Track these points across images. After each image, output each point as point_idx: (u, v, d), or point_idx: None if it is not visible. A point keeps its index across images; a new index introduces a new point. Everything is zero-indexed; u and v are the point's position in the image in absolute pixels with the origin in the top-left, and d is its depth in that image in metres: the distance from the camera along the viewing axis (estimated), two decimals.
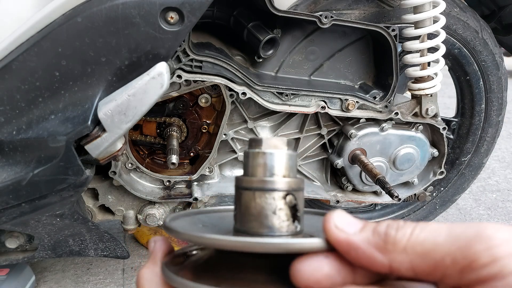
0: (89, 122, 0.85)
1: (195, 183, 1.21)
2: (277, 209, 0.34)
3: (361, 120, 1.23)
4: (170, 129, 1.15)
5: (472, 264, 0.25)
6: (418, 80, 1.22)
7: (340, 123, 1.25)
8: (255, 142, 0.36)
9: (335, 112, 1.17)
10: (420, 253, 0.26)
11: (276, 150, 0.36)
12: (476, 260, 0.25)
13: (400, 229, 0.28)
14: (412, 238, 0.27)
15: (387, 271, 0.28)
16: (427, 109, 1.24)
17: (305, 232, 0.37)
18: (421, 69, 1.20)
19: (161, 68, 0.86)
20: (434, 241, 0.26)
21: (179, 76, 1.00)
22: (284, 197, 0.35)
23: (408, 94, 1.35)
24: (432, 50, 1.18)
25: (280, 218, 0.34)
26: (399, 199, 1.26)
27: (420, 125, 1.27)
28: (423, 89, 1.21)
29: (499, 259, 0.24)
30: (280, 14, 1.00)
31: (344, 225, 0.29)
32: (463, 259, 0.25)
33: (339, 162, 1.25)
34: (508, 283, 0.24)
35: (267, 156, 0.36)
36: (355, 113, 1.18)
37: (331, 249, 0.30)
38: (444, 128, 1.28)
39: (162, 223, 1.22)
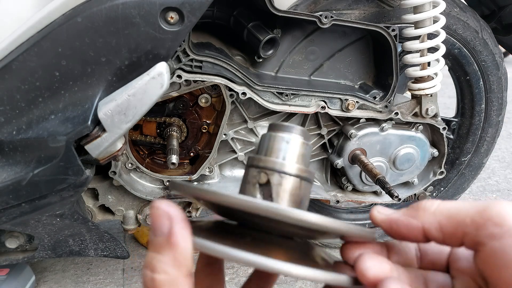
0: (89, 122, 0.85)
1: (195, 183, 1.21)
2: (251, 182, 0.36)
3: (361, 120, 1.23)
4: (170, 129, 1.15)
5: (486, 222, 0.31)
6: (418, 80, 1.22)
7: (340, 123, 1.25)
8: (273, 126, 0.38)
9: (335, 112, 1.17)
10: (446, 215, 0.33)
11: (291, 135, 0.37)
12: (490, 219, 0.31)
13: (430, 202, 0.35)
14: (440, 205, 0.34)
15: (422, 235, 0.34)
16: (427, 109, 1.24)
17: None
18: (421, 69, 1.20)
19: (161, 68, 0.86)
20: (457, 207, 0.33)
21: (179, 76, 1.00)
22: (258, 174, 0.36)
23: (408, 94, 1.35)
24: (432, 50, 1.18)
25: (253, 192, 0.36)
26: (399, 199, 1.26)
27: (420, 125, 1.27)
28: (423, 89, 1.21)
29: (508, 219, 0.30)
30: (280, 14, 1.00)
31: (384, 211, 0.37)
32: (480, 219, 0.31)
33: (339, 162, 1.25)
34: None
35: (281, 140, 0.37)
36: (355, 113, 1.18)
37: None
38: (444, 128, 1.28)
39: None
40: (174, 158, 1.06)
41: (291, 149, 0.38)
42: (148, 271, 0.28)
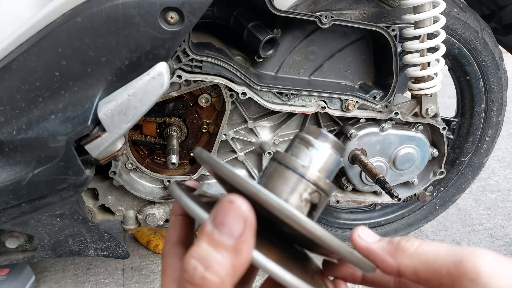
0: (89, 122, 0.85)
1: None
2: (303, 198, 0.36)
3: (361, 120, 1.23)
4: (170, 129, 1.15)
5: (462, 277, 0.31)
6: (418, 80, 1.22)
7: (340, 123, 1.25)
8: (310, 130, 0.38)
9: (335, 112, 1.17)
10: (423, 261, 0.33)
11: (325, 145, 0.37)
12: (465, 274, 0.31)
13: (410, 241, 0.35)
14: (419, 248, 0.34)
15: (396, 273, 0.35)
16: (427, 109, 1.24)
17: None
18: (421, 69, 1.20)
19: (161, 68, 0.86)
20: (436, 253, 0.33)
21: (179, 76, 1.00)
22: (311, 192, 0.36)
23: (408, 94, 1.35)
24: (432, 50, 1.18)
25: (299, 203, 0.36)
26: (399, 199, 1.26)
27: (420, 125, 1.27)
28: (423, 89, 1.21)
29: (483, 277, 0.30)
30: (280, 14, 1.00)
31: (365, 236, 0.37)
32: (456, 272, 0.31)
33: None
34: None
35: (314, 147, 0.37)
36: (355, 113, 1.18)
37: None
38: (444, 128, 1.28)
39: (162, 223, 1.22)
40: (174, 158, 1.06)
41: (334, 169, 0.38)
42: (201, 266, 0.26)
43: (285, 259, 0.32)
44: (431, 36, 1.16)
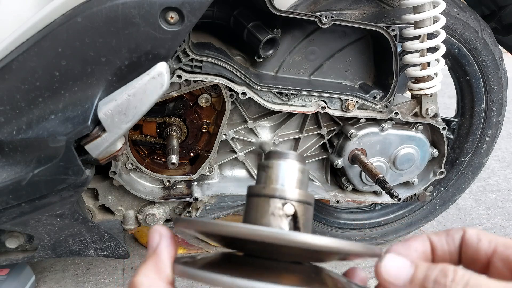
0: (89, 122, 0.85)
1: (195, 183, 1.21)
2: (277, 214, 0.36)
3: (361, 120, 1.23)
4: (170, 129, 1.15)
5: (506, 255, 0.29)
6: (418, 80, 1.22)
7: (340, 123, 1.25)
8: (272, 154, 0.40)
9: (335, 112, 1.17)
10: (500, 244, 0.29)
11: (278, 161, 0.38)
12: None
13: (459, 276, 0.28)
14: (470, 281, 0.27)
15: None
16: (427, 109, 1.24)
17: None
18: (421, 69, 1.20)
19: (161, 68, 0.86)
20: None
21: (179, 76, 1.00)
22: (282, 206, 0.36)
23: (408, 94, 1.35)
24: (432, 50, 1.18)
25: (280, 224, 0.36)
26: (399, 199, 1.26)
27: (420, 125, 1.27)
28: (423, 89, 1.21)
29: None
30: (280, 14, 1.00)
31: (392, 275, 0.31)
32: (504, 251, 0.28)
33: (339, 162, 1.25)
34: None
35: (269, 166, 0.38)
36: (355, 113, 1.18)
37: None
38: (444, 128, 1.28)
39: (162, 223, 1.22)
40: (174, 158, 1.06)
41: (300, 177, 0.39)
42: (132, 276, 0.32)
43: (299, 279, 0.33)
44: (431, 36, 1.16)
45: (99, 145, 0.87)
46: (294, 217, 0.36)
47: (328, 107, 1.16)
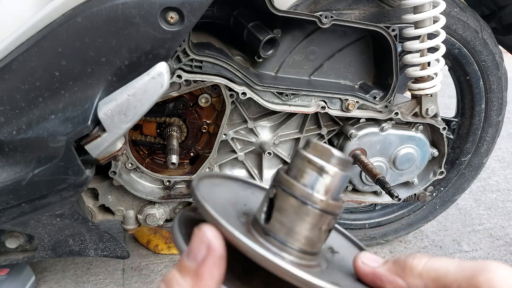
0: (89, 122, 0.85)
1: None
2: (323, 230, 0.34)
3: (361, 120, 1.23)
4: (170, 129, 1.15)
5: None
6: (418, 80, 1.22)
7: (340, 123, 1.25)
8: (318, 149, 0.34)
9: (335, 112, 1.17)
10: (433, 278, 0.32)
11: (339, 170, 0.34)
12: None
13: (417, 258, 0.33)
14: (427, 265, 0.33)
15: None
16: (427, 109, 1.24)
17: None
18: (421, 69, 1.20)
19: (161, 68, 0.86)
20: (445, 269, 0.32)
21: (179, 76, 1.00)
22: (330, 221, 0.34)
23: (408, 94, 1.35)
24: (432, 50, 1.18)
25: (317, 240, 0.34)
26: (399, 199, 1.26)
27: (420, 125, 1.27)
28: (423, 89, 1.21)
29: None
30: (280, 14, 1.00)
31: (369, 261, 0.36)
32: (467, 286, 0.30)
33: None
34: None
35: (328, 173, 0.34)
36: (355, 113, 1.18)
37: None
38: (444, 128, 1.28)
39: (162, 223, 1.22)
40: (174, 158, 1.06)
41: (344, 186, 0.36)
42: (164, 286, 0.29)
43: None
44: (431, 36, 1.16)
45: (99, 145, 0.87)
46: (330, 230, 0.35)
47: (328, 107, 1.16)
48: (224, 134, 1.16)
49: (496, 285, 0.29)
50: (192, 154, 1.22)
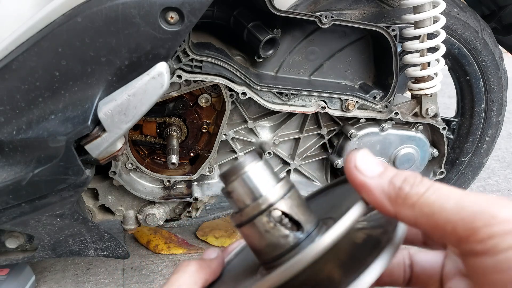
0: (89, 122, 0.85)
1: (195, 183, 1.21)
2: (270, 228, 0.33)
3: (361, 120, 1.23)
4: (170, 129, 1.15)
5: (469, 237, 0.26)
6: (418, 80, 1.22)
7: (340, 123, 1.25)
8: (225, 175, 0.35)
9: (335, 112, 1.17)
10: (426, 213, 0.28)
11: (239, 176, 0.34)
12: (473, 235, 0.26)
13: (415, 187, 0.29)
14: (422, 197, 0.28)
15: (393, 216, 0.30)
16: (427, 109, 1.24)
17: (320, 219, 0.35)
18: (421, 69, 1.20)
19: (161, 68, 0.86)
20: (441, 206, 0.27)
21: (179, 76, 1.00)
22: (268, 217, 0.33)
23: (408, 94, 1.35)
24: (432, 50, 1.18)
25: (279, 234, 0.33)
26: None
27: (420, 125, 1.27)
28: (423, 89, 1.21)
29: (495, 237, 0.25)
30: (280, 14, 1.00)
31: (363, 167, 0.31)
32: (463, 231, 0.26)
33: (339, 162, 1.25)
34: (498, 260, 0.25)
35: (234, 189, 0.34)
36: (355, 113, 1.18)
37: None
38: (444, 128, 1.28)
39: (162, 223, 1.22)
40: (174, 158, 1.06)
41: (263, 173, 0.35)
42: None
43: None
44: (431, 36, 1.16)
45: (99, 145, 0.87)
46: (285, 214, 0.33)
47: (328, 107, 1.16)
48: (224, 134, 1.16)
49: (495, 230, 0.25)
50: (192, 154, 1.22)
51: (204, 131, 1.20)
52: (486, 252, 0.26)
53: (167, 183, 1.17)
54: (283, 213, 0.33)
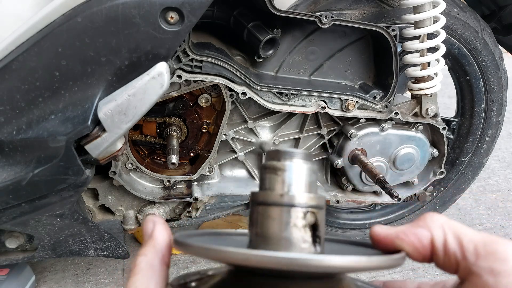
0: (89, 122, 0.85)
1: (195, 183, 1.21)
2: (295, 227, 0.32)
3: (361, 120, 1.23)
4: (170, 129, 1.15)
5: (489, 255, 0.30)
6: (418, 80, 1.22)
7: (340, 123, 1.25)
8: (273, 154, 0.35)
9: (335, 112, 1.17)
10: (453, 232, 0.32)
11: (295, 163, 0.34)
12: (493, 253, 0.30)
13: (436, 215, 0.34)
14: (447, 221, 0.33)
15: (429, 247, 0.33)
16: (427, 109, 1.24)
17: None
18: (421, 69, 1.20)
19: (161, 68, 0.86)
20: (463, 228, 0.33)
21: (179, 76, 1.00)
22: (304, 215, 0.33)
23: (408, 94, 1.35)
24: (432, 50, 1.18)
25: (299, 238, 0.32)
26: (399, 199, 1.26)
27: (420, 125, 1.27)
28: (423, 89, 1.21)
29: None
30: (280, 14, 1.00)
31: (384, 228, 0.36)
32: (483, 249, 0.31)
33: (339, 162, 1.25)
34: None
35: (286, 169, 0.34)
36: (355, 113, 1.18)
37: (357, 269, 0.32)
38: (444, 128, 1.28)
39: None
40: (174, 158, 1.06)
41: (313, 179, 0.35)
42: (133, 258, 0.35)
43: None
44: (431, 36, 1.16)
45: (99, 145, 0.87)
46: (315, 226, 0.33)
47: (328, 107, 1.16)
48: (224, 134, 1.16)
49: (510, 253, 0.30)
50: (192, 154, 1.22)
51: (204, 131, 1.20)
52: (503, 272, 0.29)
53: (167, 183, 1.17)
54: (315, 221, 0.33)
